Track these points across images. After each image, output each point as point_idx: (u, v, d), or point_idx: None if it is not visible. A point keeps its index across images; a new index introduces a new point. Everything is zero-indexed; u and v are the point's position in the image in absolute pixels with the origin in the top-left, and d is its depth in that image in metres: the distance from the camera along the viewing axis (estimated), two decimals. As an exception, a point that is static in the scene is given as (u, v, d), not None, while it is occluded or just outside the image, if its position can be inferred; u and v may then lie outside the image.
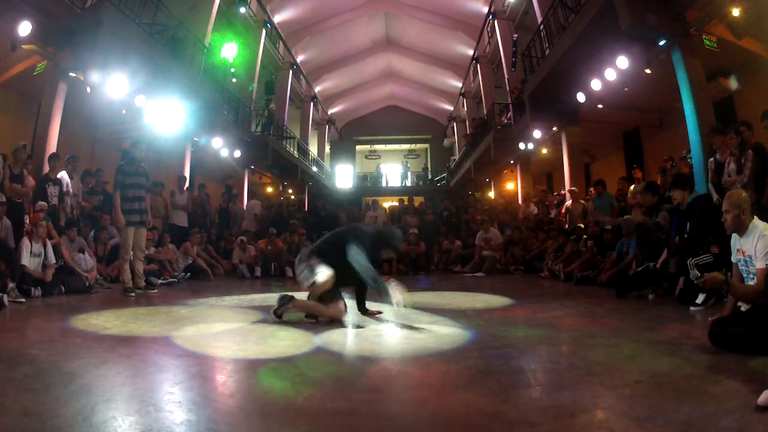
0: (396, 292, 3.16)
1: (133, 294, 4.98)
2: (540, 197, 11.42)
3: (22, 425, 1.49)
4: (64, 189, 6.57)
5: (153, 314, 3.87)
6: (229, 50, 11.74)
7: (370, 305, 3.80)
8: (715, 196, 4.56)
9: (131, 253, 5.18)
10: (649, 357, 2.37)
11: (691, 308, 3.74)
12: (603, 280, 5.66)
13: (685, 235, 4.24)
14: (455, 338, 2.93)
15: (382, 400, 1.85)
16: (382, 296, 3.21)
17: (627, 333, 3.01)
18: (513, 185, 15.01)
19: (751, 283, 2.69)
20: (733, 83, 6.59)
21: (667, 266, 4.34)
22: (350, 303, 4.69)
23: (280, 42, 16.46)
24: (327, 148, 25.06)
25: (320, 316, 3.45)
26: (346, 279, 3.44)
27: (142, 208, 5.27)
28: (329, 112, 24.20)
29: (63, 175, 6.64)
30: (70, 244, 5.72)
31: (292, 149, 16.64)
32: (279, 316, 3.43)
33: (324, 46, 19.01)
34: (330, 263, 3.36)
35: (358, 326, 3.33)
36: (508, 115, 13.26)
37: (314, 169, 20.16)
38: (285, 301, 3.45)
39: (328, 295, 3.44)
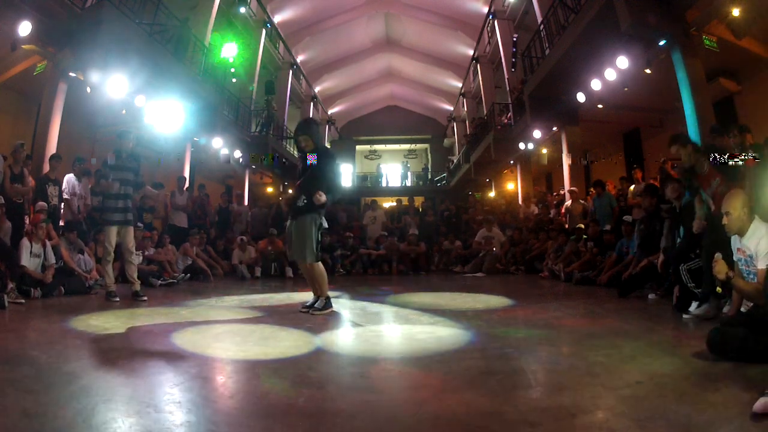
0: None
1: (117, 299, 4.54)
2: (540, 197, 11.43)
3: (22, 426, 1.49)
4: (71, 190, 6.57)
5: (153, 315, 3.87)
6: (229, 50, 11.73)
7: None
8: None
9: (113, 255, 4.72)
10: (649, 358, 2.37)
11: (684, 316, 3.71)
12: (603, 280, 5.67)
13: (678, 239, 4.23)
14: (455, 339, 2.93)
15: (382, 400, 1.84)
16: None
17: (627, 334, 3.00)
18: (513, 185, 15.02)
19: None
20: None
21: (668, 269, 4.33)
22: (350, 303, 4.70)
23: (280, 42, 16.46)
24: (327, 148, 25.04)
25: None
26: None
27: (127, 207, 4.76)
28: (329, 112, 24.20)
29: (70, 177, 6.64)
30: (69, 246, 5.71)
31: (292, 149, 16.63)
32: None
33: (324, 46, 19.00)
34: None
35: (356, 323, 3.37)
36: (508, 115, 13.25)
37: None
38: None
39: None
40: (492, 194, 16.48)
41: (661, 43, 6.37)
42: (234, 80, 12.91)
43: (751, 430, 1.50)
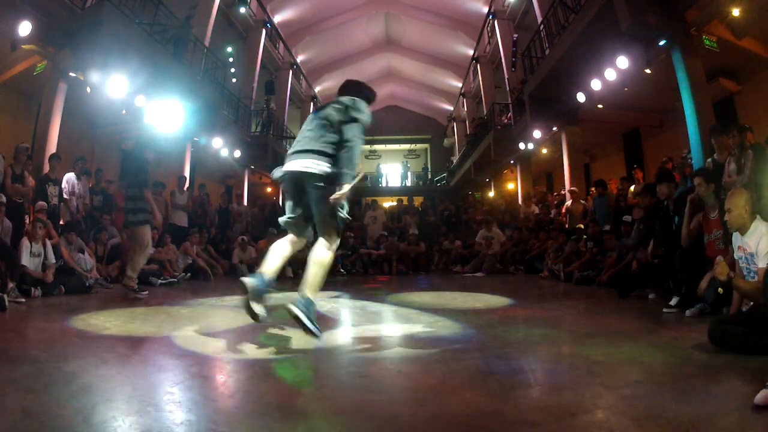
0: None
1: (146, 293, 4.90)
2: (540, 197, 11.43)
3: (22, 425, 1.49)
4: (71, 189, 6.59)
5: (153, 314, 3.87)
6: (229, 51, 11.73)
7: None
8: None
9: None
10: (648, 357, 2.37)
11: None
12: (603, 280, 5.67)
13: (673, 227, 4.24)
14: (455, 338, 2.93)
15: (382, 400, 1.84)
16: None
17: (627, 333, 3.00)
18: (513, 185, 15.02)
19: (752, 280, 2.71)
20: None
21: (666, 267, 4.33)
22: (350, 303, 4.70)
23: (280, 42, 16.46)
24: (327, 148, 25.04)
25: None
26: None
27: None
28: (329, 112, 24.18)
29: (71, 176, 6.66)
30: (69, 245, 5.72)
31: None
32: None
33: (324, 46, 19.00)
34: None
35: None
36: (508, 115, 13.25)
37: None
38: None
39: None
40: (492, 194, 16.48)
41: (661, 43, 6.37)
42: (234, 80, 12.92)
43: (752, 423, 1.50)
